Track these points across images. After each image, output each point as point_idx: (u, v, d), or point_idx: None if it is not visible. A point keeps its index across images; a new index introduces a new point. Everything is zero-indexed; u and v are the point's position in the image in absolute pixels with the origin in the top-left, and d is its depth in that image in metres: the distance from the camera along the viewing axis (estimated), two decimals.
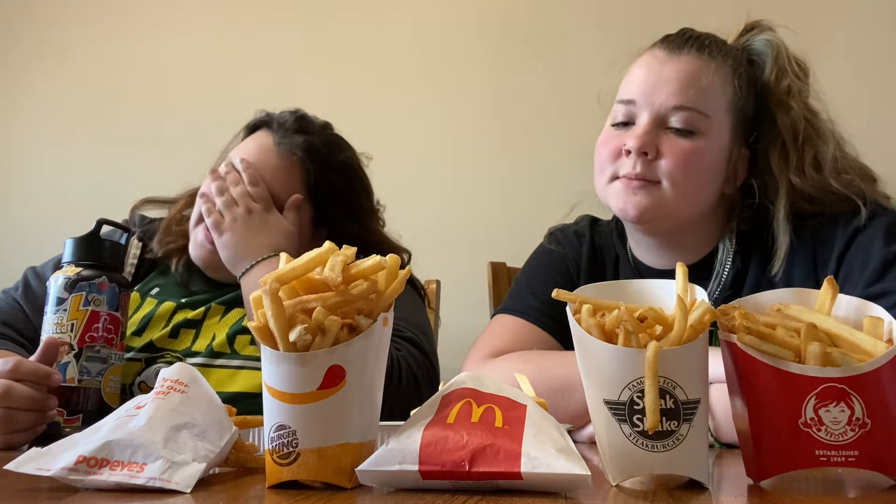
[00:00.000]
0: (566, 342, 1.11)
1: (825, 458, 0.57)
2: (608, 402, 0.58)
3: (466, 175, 2.09)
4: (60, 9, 2.34)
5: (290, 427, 0.55)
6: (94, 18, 2.32)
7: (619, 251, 1.22)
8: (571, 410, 0.96)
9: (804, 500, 0.55)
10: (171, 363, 1.16)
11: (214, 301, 1.26)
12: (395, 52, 2.17)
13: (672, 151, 1.05)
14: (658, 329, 0.60)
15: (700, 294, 0.63)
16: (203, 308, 1.25)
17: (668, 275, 0.71)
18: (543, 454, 0.52)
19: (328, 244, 0.59)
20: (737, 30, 1.16)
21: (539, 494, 0.53)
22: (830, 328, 0.60)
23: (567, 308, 0.62)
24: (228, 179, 1.22)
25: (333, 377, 0.55)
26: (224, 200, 1.20)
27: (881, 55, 1.95)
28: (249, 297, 0.58)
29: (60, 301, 0.99)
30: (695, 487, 0.58)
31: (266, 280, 0.55)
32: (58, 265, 1.25)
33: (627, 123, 1.09)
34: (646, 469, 0.58)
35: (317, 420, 0.55)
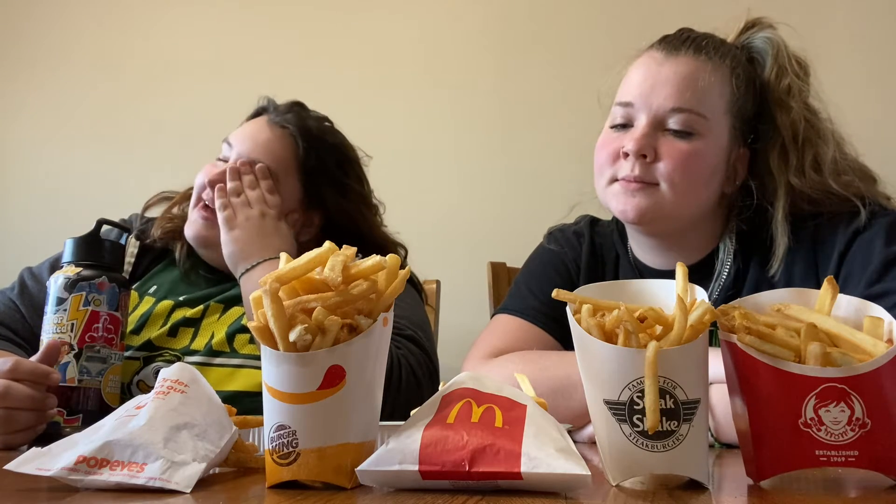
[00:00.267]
0: (566, 342, 1.11)
1: (825, 458, 0.57)
2: (608, 402, 0.58)
3: (467, 175, 2.09)
4: (60, 9, 2.33)
5: (290, 427, 0.55)
6: (94, 18, 2.31)
7: (620, 251, 1.22)
8: (571, 410, 0.96)
9: (804, 500, 0.55)
10: (170, 362, 1.16)
11: (213, 299, 1.26)
12: (396, 53, 2.17)
13: (670, 153, 1.05)
14: (658, 329, 0.60)
15: (700, 294, 0.63)
16: (202, 306, 1.25)
17: (669, 275, 0.71)
18: (543, 454, 0.52)
19: (328, 244, 0.59)
20: (737, 27, 1.16)
21: (539, 494, 0.53)
22: (830, 328, 0.60)
23: (567, 308, 0.62)
24: (245, 182, 1.23)
25: (333, 377, 0.55)
26: (241, 201, 1.21)
27: (882, 54, 1.95)
28: (249, 297, 0.58)
29: (60, 301, 0.99)
30: (695, 487, 0.58)
31: (266, 280, 0.55)
32: (54, 265, 1.26)
33: (626, 125, 1.09)
34: (646, 469, 0.58)
35: (317, 420, 0.55)
